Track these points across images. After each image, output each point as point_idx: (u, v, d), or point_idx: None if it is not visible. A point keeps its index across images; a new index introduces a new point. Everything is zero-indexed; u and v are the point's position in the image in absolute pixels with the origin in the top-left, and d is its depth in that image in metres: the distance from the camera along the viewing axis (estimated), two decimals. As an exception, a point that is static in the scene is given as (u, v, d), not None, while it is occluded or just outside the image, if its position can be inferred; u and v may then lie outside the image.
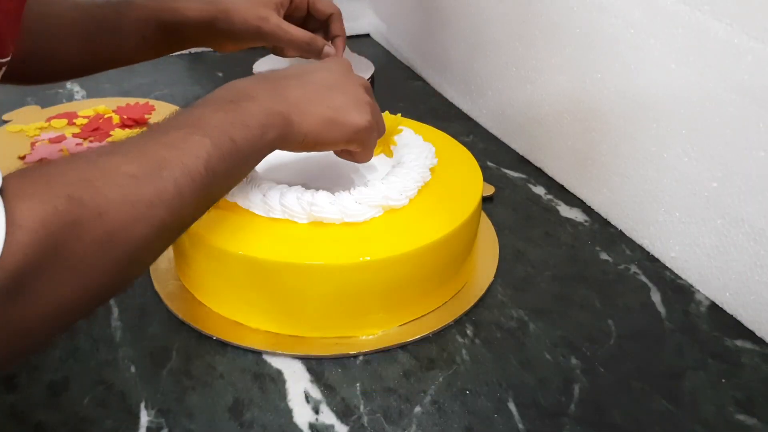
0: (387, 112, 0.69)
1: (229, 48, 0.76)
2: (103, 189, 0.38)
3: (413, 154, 0.63)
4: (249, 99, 0.50)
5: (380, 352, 0.56)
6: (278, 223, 0.57)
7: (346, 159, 0.59)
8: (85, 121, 0.90)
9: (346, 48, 1.02)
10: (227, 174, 0.48)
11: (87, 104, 0.95)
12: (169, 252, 0.64)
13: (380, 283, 0.55)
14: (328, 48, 0.75)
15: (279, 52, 0.77)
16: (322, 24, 0.77)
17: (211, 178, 0.45)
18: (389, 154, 0.65)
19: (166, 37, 0.71)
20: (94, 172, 0.39)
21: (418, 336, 0.57)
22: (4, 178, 0.35)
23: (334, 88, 0.55)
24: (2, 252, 0.33)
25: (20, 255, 0.34)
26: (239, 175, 0.51)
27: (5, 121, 0.91)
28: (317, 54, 0.74)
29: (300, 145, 0.53)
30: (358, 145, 0.56)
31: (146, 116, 0.91)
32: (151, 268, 0.63)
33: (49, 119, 0.91)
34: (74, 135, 0.86)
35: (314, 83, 0.55)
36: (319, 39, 0.74)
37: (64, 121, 0.90)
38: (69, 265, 0.37)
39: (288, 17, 0.73)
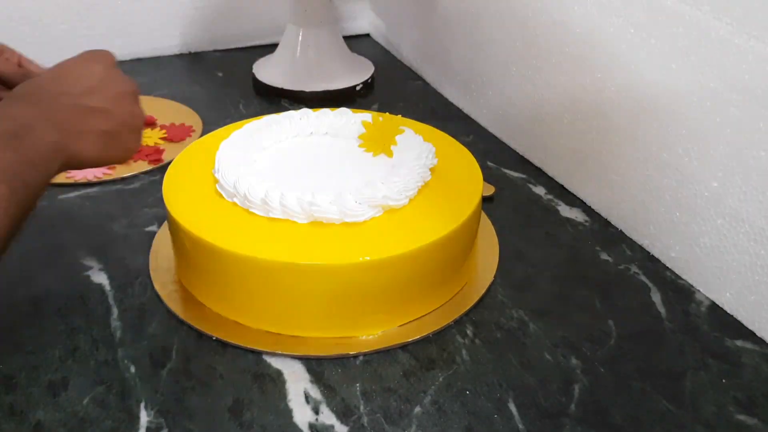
0: (387, 113, 0.69)
1: None
2: None
3: (413, 154, 0.63)
4: (29, 131, 0.47)
5: (380, 352, 0.56)
6: (278, 223, 0.56)
7: None
8: None
9: (346, 48, 1.03)
10: (19, 218, 0.46)
11: None
12: (169, 252, 0.64)
13: (380, 283, 0.55)
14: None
15: None
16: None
17: (7, 230, 0.45)
18: (389, 154, 0.65)
19: None
20: None
21: (418, 336, 0.57)
22: None
23: (109, 104, 0.52)
24: None
25: None
26: (27, 215, 0.48)
27: None
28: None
29: (79, 168, 0.53)
30: (125, 160, 0.56)
31: (155, 117, 0.90)
32: (151, 268, 0.63)
33: None
34: None
35: (89, 98, 0.52)
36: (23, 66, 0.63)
37: None
38: None
39: None
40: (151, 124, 0.88)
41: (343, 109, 0.71)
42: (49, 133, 0.48)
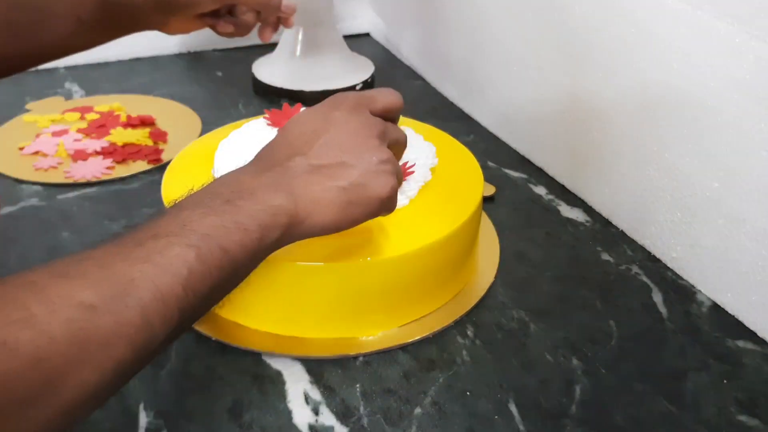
0: None
1: (180, 27, 0.70)
2: (49, 326, 0.31)
3: (413, 154, 0.63)
4: (248, 196, 0.43)
5: (380, 353, 0.56)
6: None
7: None
8: (96, 116, 0.90)
9: (346, 48, 1.03)
10: (214, 291, 0.40)
11: (110, 99, 0.95)
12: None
13: (380, 284, 0.55)
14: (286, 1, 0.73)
15: (224, 27, 0.75)
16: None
17: (192, 300, 0.38)
18: None
19: (106, 17, 0.62)
20: (41, 302, 0.32)
21: (419, 337, 0.57)
22: None
23: (347, 154, 0.47)
24: None
25: None
26: (230, 288, 0.43)
27: (27, 110, 0.92)
28: (277, 7, 0.71)
29: (317, 235, 0.47)
30: (385, 211, 0.50)
31: (153, 117, 0.90)
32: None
33: (64, 111, 0.91)
34: (79, 130, 0.86)
35: (320, 155, 0.47)
36: None
37: (77, 115, 0.90)
38: None
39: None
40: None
41: None
42: (273, 198, 0.44)
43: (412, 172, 0.60)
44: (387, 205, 0.49)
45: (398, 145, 0.53)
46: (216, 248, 0.39)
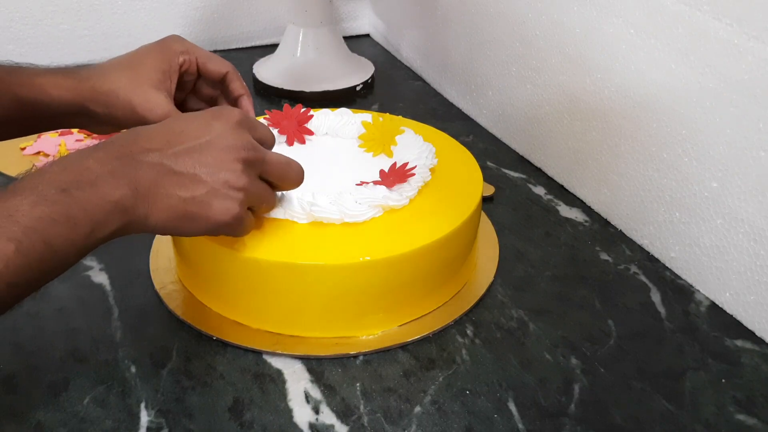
0: (387, 113, 0.69)
1: (107, 131, 0.63)
2: None
3: (413, 155, 0.63)
4: (87, 185, 0.42)
5: (380, 352, 0.56)
6: (278, 223, 0.57)
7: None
8: None
9: (346, 49, 1.03)
10: (32, 282, 0.40)
11: None
12: (170, 252, 0.64)
13: (380, 283, 0.55)
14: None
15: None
16: (218, 85, 0.65)
17: (5, 291, 0.38)
18: (389, 154, 0.65)
19: (24, 117, 0.58)
20: None
21: (418, 336, 0.57)
22: None
23: (200, 167, 0.46)
24: None
25: None
26: (50, 278, 0.43)
27: None
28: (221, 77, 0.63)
29: (147, 232, 0.47)
30: (223, 234, 0.50)
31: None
32: (151, 268, 0.63)
33: None
34: (80, 131, 0.86)
35: (177, 160, 0.46)
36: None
37: None
38: None
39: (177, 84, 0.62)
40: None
41: (343, 110, 0.71)
42: (112, 192, 0.43)
43: (413, 174, 0.60)
44: (228, 230, 0.49)
45: (276, 176, 0.52)
46: (39, 242, 0.39)
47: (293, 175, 0.54)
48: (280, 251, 0.54)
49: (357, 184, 0.59)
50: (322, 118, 0.70)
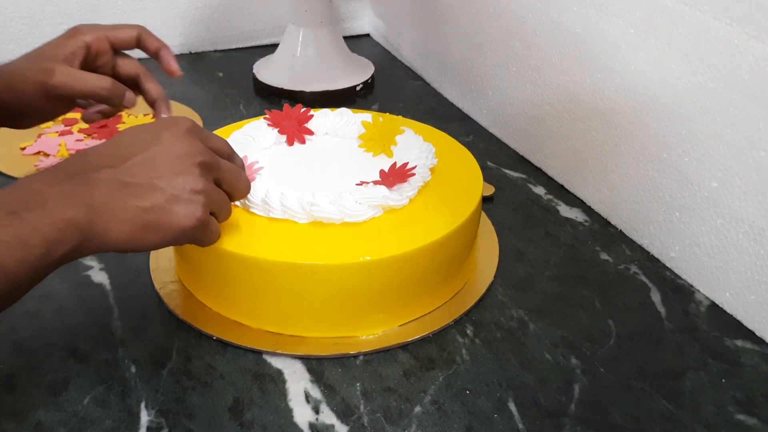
0: (387, 113, 0.69)
1: (31, 122, 0.63)
2: None
3: (413, 155, 0.63)
4: (36, 207, 0.41)
5: (380, 352, 0.56)
6: (278, 223, 0.57)
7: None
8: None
9: (346, 49, 1.03)
10: None
11: None
12: (170, 252, 0.64)
13: (380, 283, 0.55)
14: (130, 94, 0.64)
15: (80, 108, 0.67)
16: (132, 87, 0.65)
17: None
18: (389, 154, 0.65)
19: None
20: None
21: (418, 336, 0.57)
22: None
23: (156, 176, 0.46)
24: None
25: None
26: (7, 302, 0.42)
27: None
28: (119, 100, 0.63)
29: (110, 251, 0.46)
30: (189, 241, 0.49)
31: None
32: (152, 267, 0.64)
33: None
34: (81, 130, 0.87)
35: (131, 172, 0.45)
36: (120, 85, 0.63)
37: (79, 115, 0.90)
38: None
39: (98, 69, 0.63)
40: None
41: (343, 109, 0.71)
42: (65, 211, 0.42)
43: (413, 174, 0.60)
44: (192, 235, 0.48)
45: (229, 183, 0.51)
46: None
47: (243, 185, 0.53)
48: (279, 251, 0.54)
49: (357, 184, 0.59)
50: (322, 118, 0.70)
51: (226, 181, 0.51)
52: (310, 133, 0.69)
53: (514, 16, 0.79)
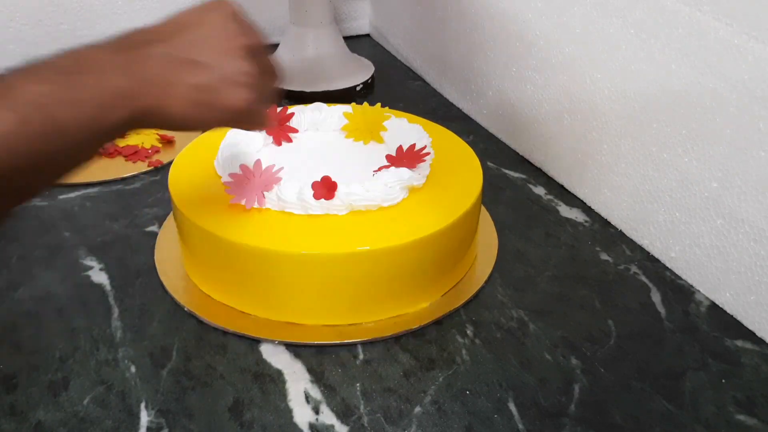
0: (378, 104, 0.70)
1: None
2: None
3: (410, 137, 0.64)
4: (90, 72, 0.41)
5: (380, 351, 0.56)
6: (279, 214, 0.57)
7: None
8: None
9: (346, 49, 1.03)
10: (39, 158, 0.39)
11: None
12: (174, 247, 0.64)
13: (381, 273, 0.56)
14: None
15: None
16: None
17: (14, 162, 0.37)
18: (380, 140, 0.66)
19: None
20: None
21: (417, 326, 0.57)
22: None
23: (209, 55, 0.46)
24: None
25: None
26: (68, 162, 0.42)
27: None
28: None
29: (166, 127, 0.46)
30: (241, 124, 0.50)
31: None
32: (156, 259, 0.64)
33: None
34: None
35: (182, 49, 0.46)
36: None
37: None
38: None
39: None
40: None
41: (318, 104, 0.73)
42: (118, 79, 0.42)
43: (428, 152, 0.61)
44: (242, 118, 0.48)
45: (266, 72, 0.50)
46: (42, 116, 0.38)
47: (279, 75, 0.52)
48: (279, 241, 0.55)
49: (375, 171, 0.59)
50: (300, 115, 0.70)
51: (266, 68, 0.51)
52: (294, 130, 0.69)
53: (514, 16, 0.79)
